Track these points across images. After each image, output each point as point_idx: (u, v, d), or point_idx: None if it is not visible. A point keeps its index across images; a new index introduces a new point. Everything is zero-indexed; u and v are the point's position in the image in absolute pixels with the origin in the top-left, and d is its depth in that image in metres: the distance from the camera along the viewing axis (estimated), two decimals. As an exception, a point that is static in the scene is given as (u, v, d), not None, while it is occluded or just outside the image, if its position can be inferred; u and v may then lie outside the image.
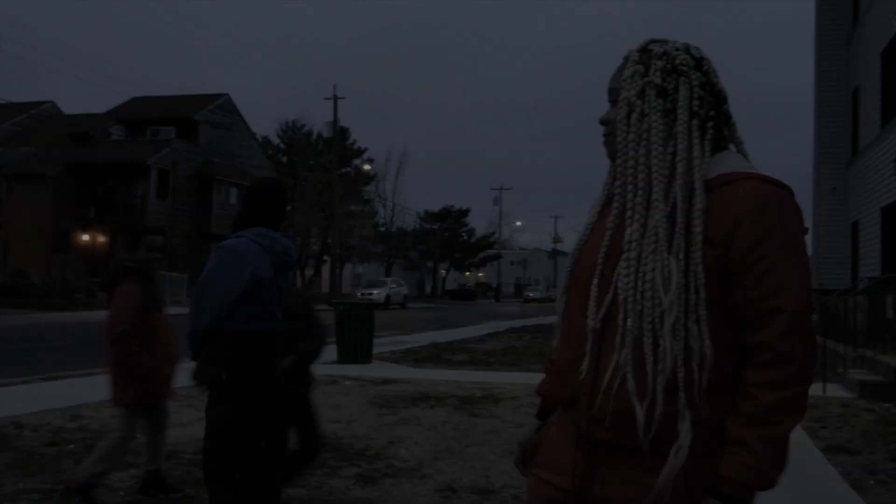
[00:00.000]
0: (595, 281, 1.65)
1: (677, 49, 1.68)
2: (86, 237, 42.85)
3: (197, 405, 8.15)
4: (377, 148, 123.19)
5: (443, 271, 76.09)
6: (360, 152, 63.13)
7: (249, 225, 3.61)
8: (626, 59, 1.72)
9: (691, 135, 1.63)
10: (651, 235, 1.58)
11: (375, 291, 44.12)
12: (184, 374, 4.58)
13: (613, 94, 1.73)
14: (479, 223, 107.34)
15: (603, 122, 1.76)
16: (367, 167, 60.87)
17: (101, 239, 43.27)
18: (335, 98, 45.39)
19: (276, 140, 58.89)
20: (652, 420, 1.52)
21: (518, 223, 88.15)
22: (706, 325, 1.53)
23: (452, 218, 73.47)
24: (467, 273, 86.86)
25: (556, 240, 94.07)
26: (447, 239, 71.29)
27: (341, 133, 53.10)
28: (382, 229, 63.21)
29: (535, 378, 8.83)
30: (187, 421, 7.34)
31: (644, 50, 1.70)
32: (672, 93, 1.65)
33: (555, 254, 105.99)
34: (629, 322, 1.56)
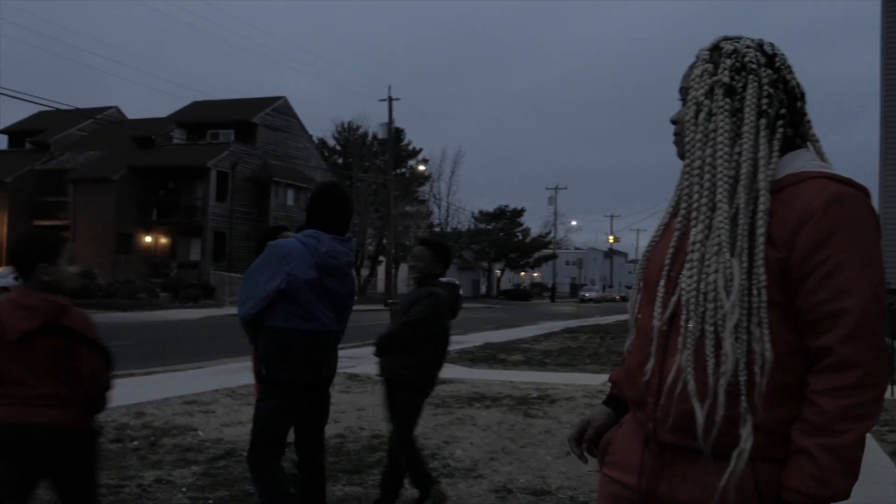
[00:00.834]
0: (662, 282, 1.65)
1: (748, 46, 1.65)
2: (148, 238, 43.93)
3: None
4: (432, 148, 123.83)
5: (497, 271, 75.96)
6: (415, 153, 63.40)
7: (310, 227, 3.80)
8: (697, 57, 1.70)
9: (758, 134, 1.59)
10: (714, 237, 1.55)
11: (430, 291, 44.19)
12: (234, 377, 4.65)
13: (684, 94, 1.71)
14: (534, 223, 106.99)
15: (673, 122, 1.75)
16: (421, 168, 61.10)
17: (163, 240, 44.33)
18: (390, 99, 45.70)
19: (332, 142, 59.53)
20: (713, 423, 1.49)
21: (573, 223, 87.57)
22: (768, 327, 1.50)
23: (507, 218, 73.25)
24: (522, 273, 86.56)
25: (613, 239, 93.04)
26: (502, 239, 71.10)
27: (396, 134, 53.42)
28: (437, 229, 63.34)
29: (591, 379, 8.85)
30: (246, 419, 7.45)
31: (715, 48, 1.68)
32: (740, 91, 1.62)
33: (611, 253, 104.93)
34: (691, 324, 1.54)
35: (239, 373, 10.86)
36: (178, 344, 15.50)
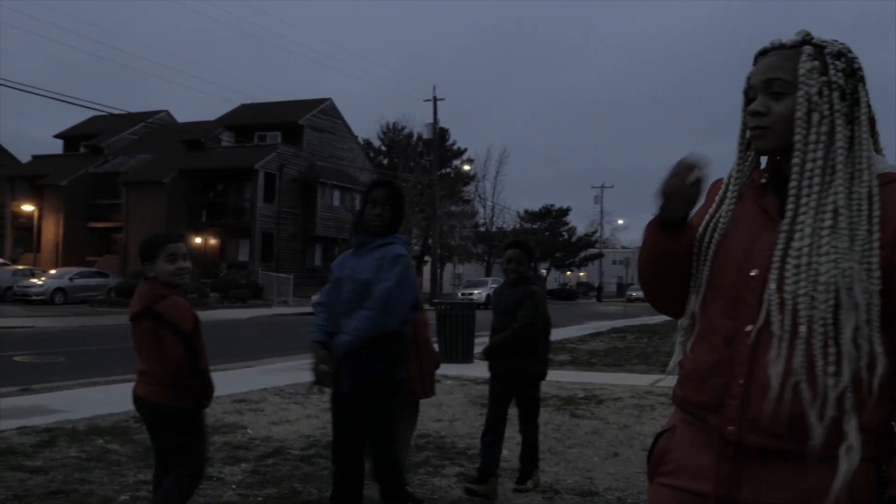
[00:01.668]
0: (752, 283, 1.62)
1: (849, 51, 1.66)
2: (198, 240, 44.69)
3: (303, 403, 8.38)
4: (477, 147, 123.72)
5: (543, 271, 75.63)
6: (460, 153, 63.40)
7: (396, 229, 3.95)
8: (784, 46, 1.67)
9: (872, 140, 1.65)
10: (827, 239, 1.57)
11: (476, 291, 44.18)
12: (282, 376, 4.70)
13: (774, 86, 1.65)
14: (580, 222, 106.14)
15: (759, 113, 1.67)
16: (466, 167, 61.10)
17: (213, 241, 45.06)
18: (434, 99, 45.80)
19: (377, 142, 59.87)
20: (821, 424, 1.51)
21: (620, 221, 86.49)
22: (877, 328, 1.53)
23: (553, 217, 72.93)
24: (568, 273, 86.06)
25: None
26: (547, 238, 70.80)
27: (441, 134, 53.51)
28: (482, 229, 63.32)
29: (639, 379, 8.76)
30: (294, 418, 7.54)
31: (812, 44, 1.65)
32: (850, 96, 1.63)
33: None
34: (801, 327, 1.54)
35: (286, 372, 10.98)
36: (228, 343, 15.74)
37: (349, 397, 3.81)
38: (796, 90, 1.62)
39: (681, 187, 1.67)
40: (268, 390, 9.00)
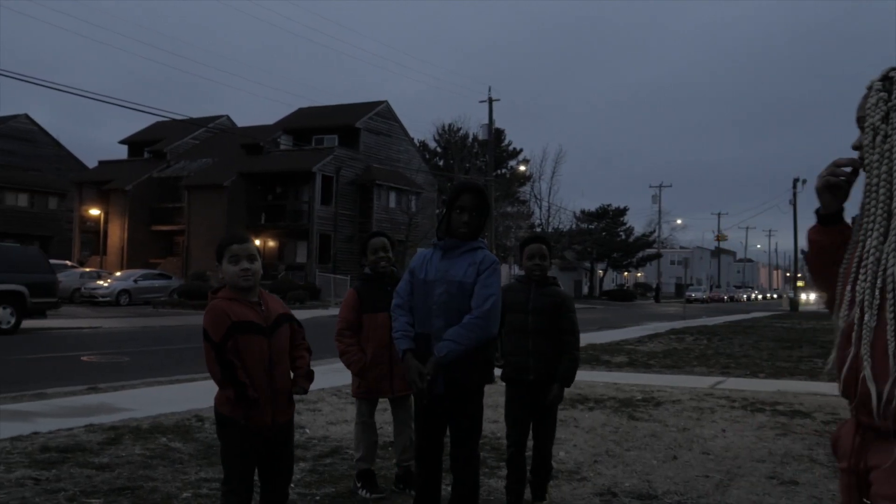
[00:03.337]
0: (847, 287, 1.92)
1: None
2: (257, 241, 45.35)
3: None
4: (533, 148, 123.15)
5: (600, 271, 74.94)
6: (516, 153, 63.22)
7: (482, 233, 3.99)
8: (870, 88, 1.93)
9: None
10: (892, 240, 1.81)
11: (532, 292, 43.98)
12: (339, 376, 4.75)
13: (860, 123, 1.95)
14: (637, 222, 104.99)
15: (855, 148, 1.98)
16: (522, 168, 60.88)
17: (271, 243, 45.76)
18: (490, 100, 45.73)
19: (433, 144, 60.05)
20: (890, 402, 1.75)
21: (678, 221, 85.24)
22: None
23: (610, 217, 72.19)
24: (625, 273, 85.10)
25: (720, 237, 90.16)
26: (604, 239, 70.10)
27: (496, 135, 53.41)
28: (538, 230, 63.00)
29: (698, 381, 8.59)
30: (351, 418, 7.59)
31: (885, 78, 1.91)
32: None
33: (718, 252, 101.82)
34: (866, 317, 1.82)
35: (343, 372, 11.06)
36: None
37: (441, 399, 3.84)
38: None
39: (835, 182, 1.99)
40: (325, 390, 9.10)
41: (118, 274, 37.10)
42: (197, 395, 8.88)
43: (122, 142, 55.87)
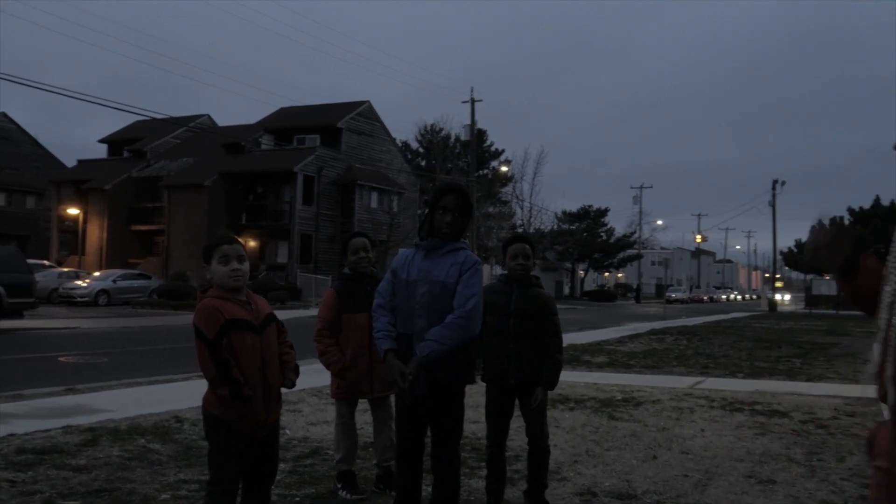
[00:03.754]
0: (887, 287, 2.02)
1: None
2: (238, 242, 45.15)
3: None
4: (515, 148, 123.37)
5: (581, 272, 75.22)
6: (498, 154, 63.29)
7: (464, 234, 3.98)
8: None
9: None
10: None
11: (513, 293, 44.06)
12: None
13: None
14: (618, 223, 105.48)
15: None
16: (504, 169, 60.98)
17: (252, 243, 45.54)
18: (472, 101, 45.78)
19: (415, 144, 59.99)
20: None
21: (659, 222, 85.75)
22: None
23: (591, 218, 72.48)
24: (606, 274, 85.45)
25: (700, 238, 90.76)
26: (585, 239, 70.38)
27: (479, 135, 53.48)
28: (520, 230, 63.12)
29: (678, 381, 8.64)
30: (331, 419, 7.56)
31: None
32: None
33: (698, 253, 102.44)
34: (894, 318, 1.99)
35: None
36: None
37: (422, 399, 3.83)
38: None
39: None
40: (305, 391, 9.07)
41: (97, 274, 36.77)
42: (176, 396, 8.83)
43: (102, 141, 55.40)
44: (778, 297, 58.62)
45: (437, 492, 3.94)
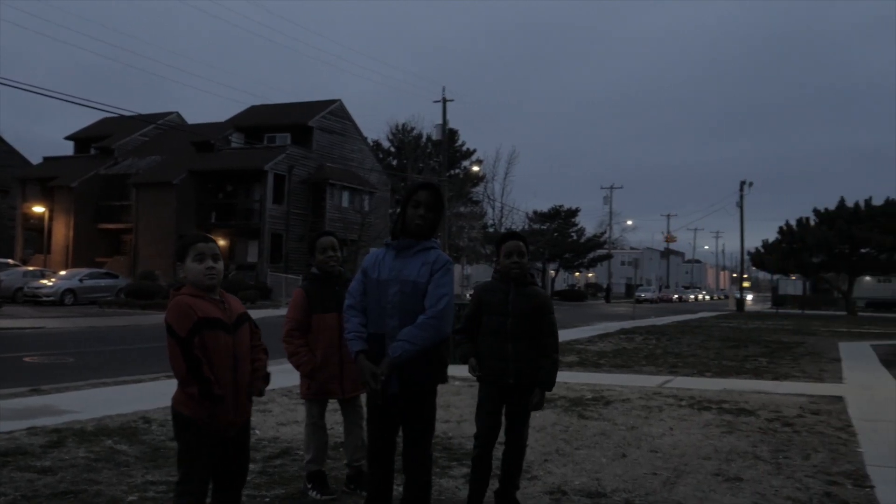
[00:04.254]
0: None
1: None
2: (208, 241, 44.72)
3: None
4: (486, 148, 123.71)
5: (552, 272, 75.52)
6: (469, 154, 63.37)
7: (435, 233, 3.96)
8: None
9: None
10: None
11: (484, 292, 44.13)
12: (290, 376, 4.73)
13: None
14: (589, 223, 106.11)
15: None
16: (475, 168, 61.05)
17: (222, 242, 45.12)
18: (444, 101, 45.77)
19: (386, 143, 59.88)
20: None
21: (629, 222, 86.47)
22: None
23: (562, 218, 72.77)
24: (577, 273, 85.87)
25: (669, 239, 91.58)
26: (556, 239, 70.65)
27: (450, 135, 53.48)
28: (491, 230, 63.24)
29: (647, 380, 8.74)
30: (301, 419, 7.53)
31: None
32: None
33: (667, 253, 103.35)
34: None
35: (294, 373, 10.97)
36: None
37: (394, 399, 3.82)
38: None
39: None
40: (275, 391, 9.00)
41: (63, 273, 36.22)
42: (144, 396, 8.73)
43: (69, 138, 54.57)
44: (736, 295, 59.33)
45: (408, 491, 3.94)
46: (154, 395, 8.60)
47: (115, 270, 39.46)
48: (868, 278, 53.15)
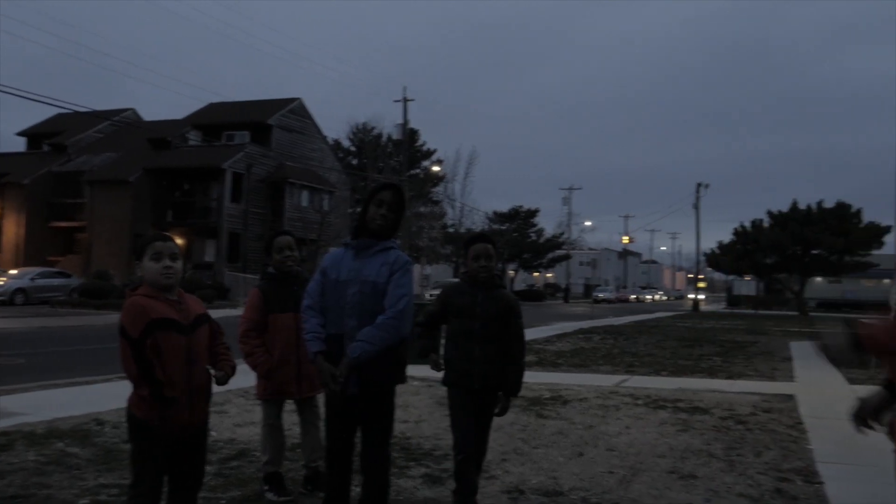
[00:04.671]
0: None
1: None
2: (164, 240, 44.06)
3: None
4: (446, 149, 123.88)
5: (511, 272, 75.86)
6: (429, 154, 63.33)
7: (395, 233, 3.98)
8: None
9: None
10: None
11: (444, 292, 44.15)
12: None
13: None
14: (548, 223, 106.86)
15: None
16: (436, 168, 61.07)
17: (179, 241, 44.29)
18: (405, 100, 45.74)
19: (346, 143, 59.57)
20: None
21: (588, 223, 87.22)
22: None
23: (521, 218, 73.12)
24: (536, 273, 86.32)
25: (627, 239, 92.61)
26: (516, 239, 70.97)
27: (410, 135, 53.43)
28: (451, 230, 63.34)
29: (604, 380, 8.81)
30: (258, 420, 7.47)
31: None
32: None
33: (625, 254, 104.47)
34: None
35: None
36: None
37: (353, 400, 3.80)
38: None
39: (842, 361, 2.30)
40: (232, 391, 8.91)
41: (13, 272, 35.38)
42: (97, 397, 8.59)
43: (20, 134, 53.33)
44: (691, 296, 60.21)
45: (366, 492, 3.93)
46: (107, 396, 8.45)
47: (68, 269, 38.68)
48: (819, 279, 54.28)
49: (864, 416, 2.30)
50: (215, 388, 3.65)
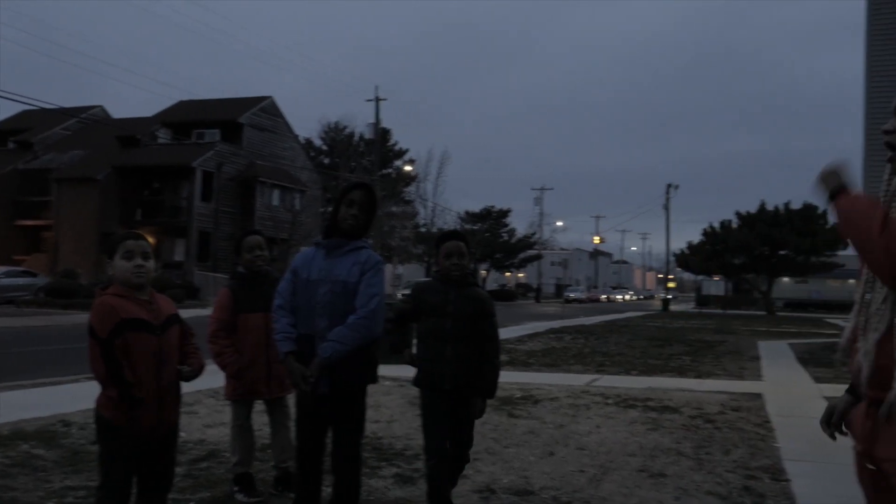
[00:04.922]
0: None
1: None
2: (132, 239, 43.56)
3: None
4: (418, 148, 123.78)
5: (483, 272, 76.00)
6: (402, 153, 63.27)
7: (366, 233, 3.96)
8: None
9: None
10: None
11: (416, 292, 44.12)
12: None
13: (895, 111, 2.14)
14: (519, 223, 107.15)
15: (886, 132, 2.19)
16: (408, 168, 61.02)
17: (148, 240, 44.00)
18: (377, 99, 45.66)
19: (318, 142, 59.30)
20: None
21: (559, 223, 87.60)
22: None
23: (493, 218, 73.30)
24: (507, 273, 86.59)
25: (598, 240, 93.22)
26: (487, 239, 71.11)
27: (383, 134, 53.35)
28: (423, 230, 63.28)
29: (575, 379, 8.82)
30: (228, 420, 7.41)
31: None
32: None
33: (596, 254, 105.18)
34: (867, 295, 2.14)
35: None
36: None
37: (324, 400, 3.78)
38: None
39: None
40: (202, 392, 8.83)
41: (-22, 271, 34.79)
42: (63, 398, 8.46)
43: (-16, 130, 52.45)
44: (660, 296, 60.76)
45: (337, 492, 3.92)
46: (74, 397, 8.34)
47: (34, 268, 38.08)
48: (786, 279, 55.04)
49: (833, 421, 2.34)
50: (185, 388, 3.61)
